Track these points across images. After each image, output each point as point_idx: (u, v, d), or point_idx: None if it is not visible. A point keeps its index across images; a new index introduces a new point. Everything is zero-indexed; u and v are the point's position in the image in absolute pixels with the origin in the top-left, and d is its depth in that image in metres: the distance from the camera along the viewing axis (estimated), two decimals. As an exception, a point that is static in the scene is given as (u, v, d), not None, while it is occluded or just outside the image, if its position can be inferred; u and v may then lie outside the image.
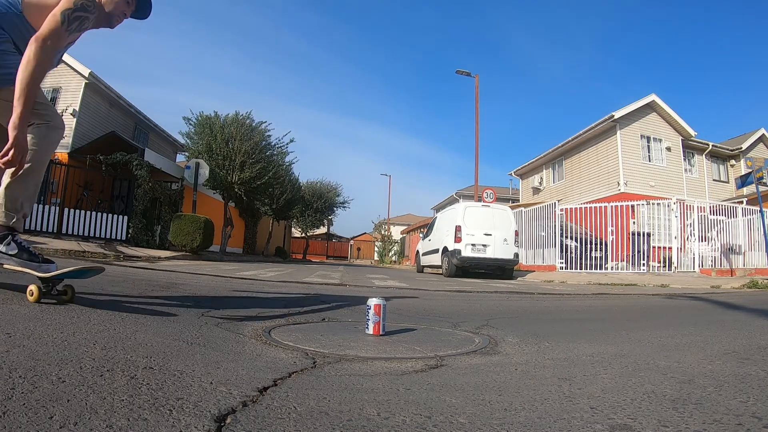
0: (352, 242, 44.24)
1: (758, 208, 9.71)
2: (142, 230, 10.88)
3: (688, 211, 10.06)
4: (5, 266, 1.85)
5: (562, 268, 10.37)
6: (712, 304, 4.15)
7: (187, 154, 14.42)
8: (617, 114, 16.36)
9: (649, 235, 9.99)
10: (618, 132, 16.47)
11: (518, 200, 23.27)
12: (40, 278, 1.84)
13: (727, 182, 18.71)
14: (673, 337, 2.01)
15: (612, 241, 10.28)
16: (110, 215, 10.74)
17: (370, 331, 1.86)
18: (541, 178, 21.49)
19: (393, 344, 1.72)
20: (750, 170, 10.17)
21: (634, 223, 10.40)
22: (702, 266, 9.65)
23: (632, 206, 10.55)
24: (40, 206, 9.83)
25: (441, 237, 10.77)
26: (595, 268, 9.91)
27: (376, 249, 36.46)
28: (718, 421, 0.89)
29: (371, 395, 1.05)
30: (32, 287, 1.83)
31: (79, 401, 0.83)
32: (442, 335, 2.00)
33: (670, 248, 9.89)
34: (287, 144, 15.05)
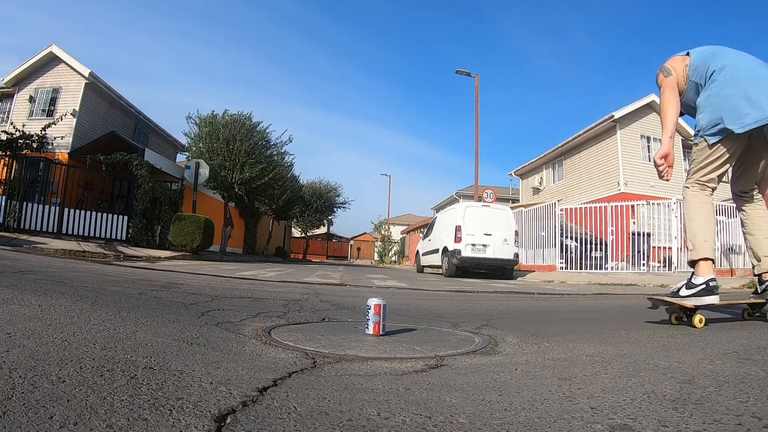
0: (352, 242, 44.21)
1: (758, 208, 9.69)
2: (142, 230, 10.88)
3: (688, 211, 10.04)
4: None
5: (562, 268, 10.37)
6: (712, 304, 4.14)
7: (188, 154, 14.44)
8: (617, 114, 16.34)
9: (649, 235, 9.98)
10: (618, 132, 16.45)
11: (518, 200, 23.27)
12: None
13: (727, 182, 18.69)
14: (673, 337, 2.01)
15: (612, 241, 10.27)
16: (110, 215, 10.75)
17: (370, 331, 1.86)
18: (541, 178, 21.49)
19: (393, 344, 1.72)
20: (750, 170, 10.15)
21: (634, 223, 10.39)
22: (702, 266, 9.62)
23: (632, 206, 10.54)
24: (40, 206, 9.84)
25: (441, 237, 10.77)
26: (595, 268, 9.91)
27: (376, 249, 36.42)
28: (718, 421, 0.89)
29: (371, 395, 1.05)
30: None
31: (79, 401, 0.83)
32: (442, 335, 2.00)
33: (670, 248, 9.88)
34: (286, 143, 15.07)
